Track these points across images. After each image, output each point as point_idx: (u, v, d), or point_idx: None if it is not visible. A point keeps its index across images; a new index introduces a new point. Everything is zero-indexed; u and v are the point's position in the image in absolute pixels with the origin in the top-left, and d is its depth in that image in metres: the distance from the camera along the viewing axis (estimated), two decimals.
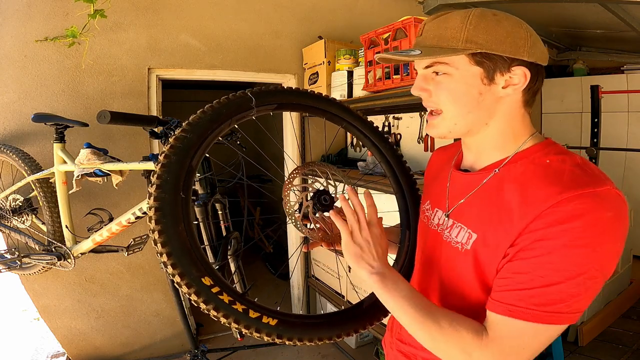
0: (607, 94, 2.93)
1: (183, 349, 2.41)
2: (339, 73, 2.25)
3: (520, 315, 0.56)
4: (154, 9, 2.13)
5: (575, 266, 0.54)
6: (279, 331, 0.67)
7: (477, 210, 0.68)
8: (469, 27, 0.62)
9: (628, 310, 2.68)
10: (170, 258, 0.64)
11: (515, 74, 0.63)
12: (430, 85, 0.68)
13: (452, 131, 0.69)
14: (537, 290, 0.55)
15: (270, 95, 0.85)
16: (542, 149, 0.66)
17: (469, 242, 0.67)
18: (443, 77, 0.66)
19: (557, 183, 0.57)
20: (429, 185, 0.91)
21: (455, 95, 0.65)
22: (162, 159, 0.70)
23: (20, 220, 1.85)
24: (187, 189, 0.70)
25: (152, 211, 0.66)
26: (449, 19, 0.64)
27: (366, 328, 0.80)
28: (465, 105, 0.66)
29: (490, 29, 0.61)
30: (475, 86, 0.64)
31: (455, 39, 0.62)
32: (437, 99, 0.68)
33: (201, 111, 0.77)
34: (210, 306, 0.64)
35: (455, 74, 0.65)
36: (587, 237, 0.53)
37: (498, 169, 0.67)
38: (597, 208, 0.54)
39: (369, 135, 1.01)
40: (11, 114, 1.93)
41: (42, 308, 2.10)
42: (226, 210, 1.34)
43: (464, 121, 0.67)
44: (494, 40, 0.61)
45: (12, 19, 1.89)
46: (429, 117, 0.71)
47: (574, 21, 2.93)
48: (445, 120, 0.68)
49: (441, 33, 0.64)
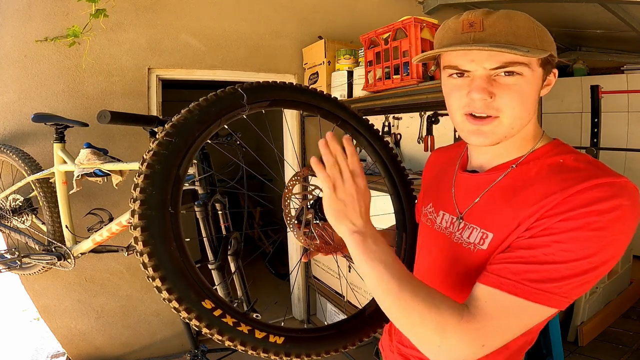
0: (607, 94, 2.93)
1: (183, 349, 2.41)
2: (339, 73, 2.25)
3: (509, 289, 0.55)
4: (154, 9, 2.13)
5: (582, 249, 0.53)
6: (287, 349, 0.64)
7: (490, 210, 0.67)
8: (537, 28, 0.61)
9: (628, 310, 2.68)
10: (165, 283, 0.57)
11: (552, 75, 0.65)
12: (495, 88, 0.61)
13: (507, 136, 0.64)
14: (536, 265, 0.55)
15: (262, 91, 0.78)
16: (553, 149, 0.67)
17: (484, 242, 0.65)
18: (515, 79, 0.61)
19: (576, 177, 0.58)
20: (429, 187, 0.90)
21: (526, 98, 0.62)
22: (144, 169, 0.61)
23: (20, 220, 1.85)
24: (176, 202, 0.62)
25: (138, 231, 0.58)
26: (514, 18, 0.61)
27: (370, 336, 0.78)
28: (528, 108, 0.64)
29: (546, 32, 0.62)
30: (538, 88, 0.64)
31: (532, 38, 0.60)
32: (502, 102, 0.61)
33: (186, 110, 0.68)
34: (214, 330, 0.59)
35: (528, 76, 0.61)
36: (601, 222, 0.53)
37: (515, 165, 0.67)
38: (617, 195, 0.54)
39: (364, 134, 0.97)
40: (11, 113, 1.93)
41: (42, 308, 2.10)
42: (226, 210, 1.34)
43: (520, 124, 0.64)
44: (550, 42, 0.62)
45: (12, 19, 1.89)
46: (479, 123, 0.64)
47: (574, 21, 2.93)
48: (502, 125, 0.63)
49: (515, 31, 0.60)
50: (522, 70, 0.60)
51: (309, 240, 0.77)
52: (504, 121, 0.63)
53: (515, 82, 0.61)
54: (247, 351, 0.61)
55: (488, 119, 0.63)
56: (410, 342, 0.82)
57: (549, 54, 0.61)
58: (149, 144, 0.65)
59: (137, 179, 0.61)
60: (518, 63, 0.60)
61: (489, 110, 0.62)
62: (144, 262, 0.58)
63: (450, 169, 0.81)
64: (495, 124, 0.63)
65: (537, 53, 0.59)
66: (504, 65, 0.60)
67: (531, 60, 0.61)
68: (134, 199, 0.60)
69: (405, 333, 0.61)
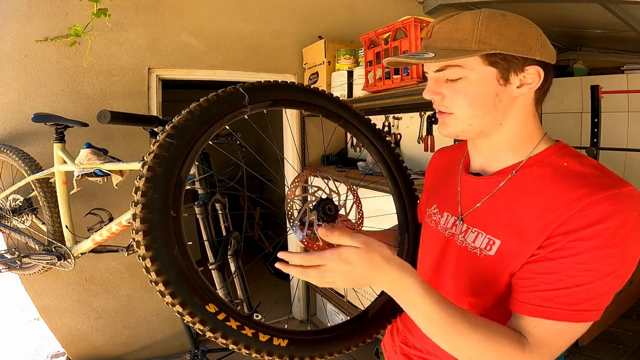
0: (607, 94, 2.93)
1: (183, 348, 2.41)
2: (339, 73, 2.25)
3: (549, 315, 0.57)
4: (154, 9, 2.13)
5: (605, 266, 0.55)
6: (290, 352, 0.63)
7: (496, 215, 0.67)
8: (480, 28, 0.61)
9: (628, 310, 2.68)
10: (169, 287, 0.57)
11: (529, 73, 0.63)
12: (444, 89, 0.66)
13: (466, 131, 0.68)
14: (566, 290, 0.56)
15: (264, 91, 0.77)
16: (557, 152, 0.66)
17: (491, 248, 0.66)
18: (459, 80, 0.64)
19: (583, 185, 0.58)
20: (432, 188, 0.89)
21: (472, 98, 0.64)
22: (145, 172, 0.60)
23: (20, 220, 1.85)
24: (178, 205, 0.62)
25: (140, 235, 0.57)
26: (459, 20, 0.63)
27: (372, 337, 0.77)
28: (482, 107, 0.65)
29: (502, 30, 0.61)
30: (491, 87, 0.64)
31: (467, 40, 0.62)
32: (451, 102, 0.66)
33: (187, 111, 0.67)
34: (218, 334, 0.59)
35: (470, 76, 0.64)
36: (617, 238, 0.54)
37: (515, 171, 0.67)
38: (625, 208, 0.55)
39: (366, 133, 0.97)
40: (11, 114, 1.93)
41: (42, 308, 2.10)
42: (226, 210, 1.34)
43: (478, 122, 0.66)
44: (507, 40, 0.61)
45: (13, 19, 1.89)
46: (440, 116, 0.70)
47: (574, 21, 2.93)
48: (458, 120, 0.67)
49: (452, 35, 0.63)
50: (460, 73, 0.64)
51: (311, 242, 0.77)
52: (458, 117, 0.67)
53: (459, 83, 0.65)
54: (251, 354, 0.61)
55: (446, 113, 0.69)
56: (414, 343, 0.82)
57: (483, 52, 0.61)
58: (149, 144, 0.65)
59: (139, 181, 0.60)
60: (452, 66, 0.64)
61: (441, 107, 0.69)
62: (147, 267, 0.57)
63: (455, 171, 0.81)
64: (452, 118, 0.68)
65: (460, 54, 0.61)
66: (441, 68, 0.65)
67: (465, 61, 0.63)
68: (135, 202, 0.59)
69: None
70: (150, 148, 0.64)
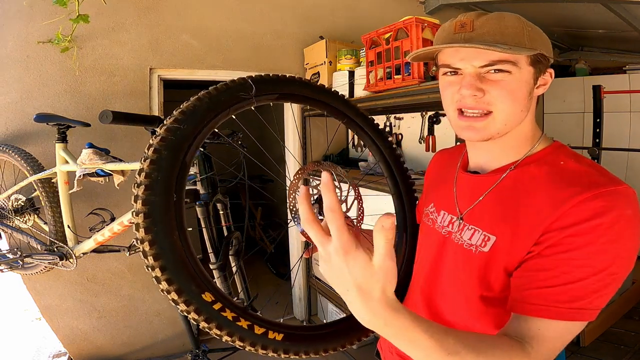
0: (609, 94, 2.92)
1: (184, 348, 2.41)
2: (340, 73, 2.25)
3: (544, 314, 0.56)
4: (156, 9, 2.14)
5: (598, 262, 0.54)
6: (285, 346, 0.62)
7: (492, 212, 0.67)
8: (527, 28, 0.63)
9: (630, 310, 2.68)
10: (165, 273, 0.55)
11: (547, 74, 0.66)
12: (486, 85, 0.64)
13: (500, 132, 0.66)
14: (561, 287, 0.56)
15: (271, 84, 0.78)
16: (553, 151, 0.67)
17: (486, 244, 0.66)
18: (503, 75, 0.63)
19: (578, 183, 0.58)
20: (431, 187, 0.90)
21: (513, 94, 0.64)
22: (150, 154, 0.59)
23: (22, 220, 1.86)
24: (180, 189, 0.61)
25: (140, 217, 0.56)
26: (504, 18, 0.63)
27: (368, 335, 0.76)
28: (520, 105, 0.65)
29: (538, 32, 0.64)
30: (530, 85, 0.65)
31: (520, 37, 0.62)
32: (492, 99, 0.64)
33: (196, 98, 0.67)
34: (213, 324, 0.57)
35: (516, 74, 0.63)
36: (610, 234, 0.54)
37: (514, 167, 0.68)
38: (619, 205, 0.55)
39: (369, 133, 0.97)
40: (13, 114, 1.93)
41: (44, 308, 2.10)
42: (227, 211, 1.34)
43: (514, 120, 0.66)
44: (545, 42, 0.64)
45: (15, 19, 1.90)
46: (471, 120, 0.66)
47: (576, 21, 2.93)
48: (495, 121, 0.65)
49: (503, 30, 0.62)
50: (509, 68, 0.62)
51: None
52: (496, 117, 0.65)
53: (503, 79, 0.63)
54: (245, 347, 0.60)
55: (482, 117, 0.65)
56: None
57: (537, 52, 0.62)
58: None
59: (143, 163, 0.59)
60: (505, 61, 0.62)
61: (479, 105, 0.65)
62: (144, 251, 0.56)
63: (452, 169, 0.81)
64: (489, 120, 0.65)
65: (522, 51, 0.61)
66: (491, 63, 0.62)
67: (519, 58, 0.62)
68: (138, 183, 0.58)
69: None
70: (157, 132, 0.63)
